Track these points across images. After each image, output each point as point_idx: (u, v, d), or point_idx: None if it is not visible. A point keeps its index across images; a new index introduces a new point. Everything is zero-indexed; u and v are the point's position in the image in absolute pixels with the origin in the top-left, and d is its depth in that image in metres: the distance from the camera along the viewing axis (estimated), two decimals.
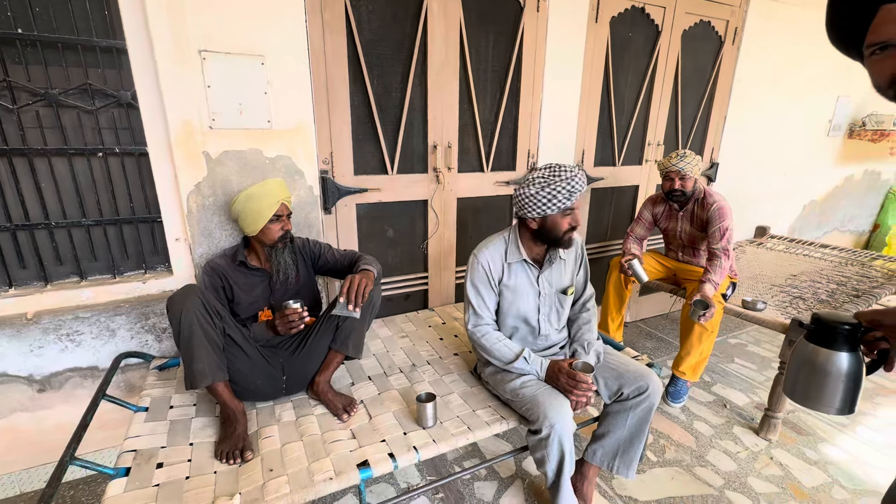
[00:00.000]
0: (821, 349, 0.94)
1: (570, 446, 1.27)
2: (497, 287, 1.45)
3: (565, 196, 1.30)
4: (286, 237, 1.47)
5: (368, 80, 1.75)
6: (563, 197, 1.30)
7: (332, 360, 1.48)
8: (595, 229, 2.66)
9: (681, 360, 2.07)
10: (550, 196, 1.30)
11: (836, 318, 0.93)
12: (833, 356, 0.93)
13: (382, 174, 1.90)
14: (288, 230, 1.48)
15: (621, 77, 2.40)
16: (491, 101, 2.06)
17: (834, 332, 0.93)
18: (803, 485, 1.67)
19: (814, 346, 0.95)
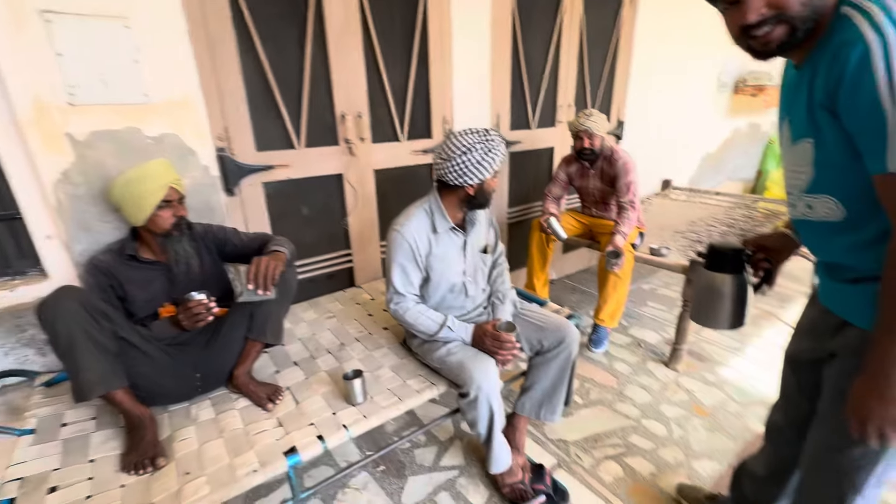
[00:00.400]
0: (714, 274, 1.05)
1: (499, 403, 1.32)
2: (424, 262, 1.42)
3: (501, 159, 1.33)
4: (181, 224, 1.33)
5: (260, 44, 1.60)
6: (499, 160, 1.33)
7: (251, 350, 1.40)
8: (516, 193, 2.72)
9: (600, 308, 2.22)
10: (491, 161, 1.31)
11: (725, 246, 1.04)
12: (723, 279, 1.04)
13: (289, 149, 1.78)
14: (182, 216, 1.33)
15: (529, 38, 2.42)
16: (400, 66, 1.99)
17: (723, 257, 1.03)
18: (704, 404, 1.89)
19: (708, 271, 1.06)
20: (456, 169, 1.30)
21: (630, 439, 1.71)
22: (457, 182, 1.33)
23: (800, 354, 1.02)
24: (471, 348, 1.38)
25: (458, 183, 1.33)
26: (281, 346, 1.62)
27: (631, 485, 1.51)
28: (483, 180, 1.33)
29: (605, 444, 1.69)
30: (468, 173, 1.30)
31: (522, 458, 1.54)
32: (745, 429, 1.74)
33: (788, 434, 1.09)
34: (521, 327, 1.51)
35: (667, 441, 1.70)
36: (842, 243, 0.79)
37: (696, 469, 1.57)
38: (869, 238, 0.75)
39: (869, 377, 0.73)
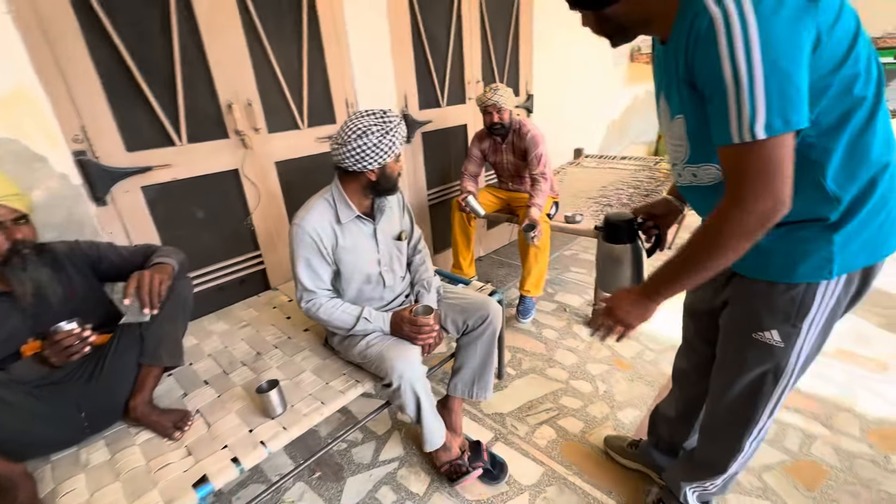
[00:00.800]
0: (612, 245, 1.09)
1: (423, 386, 1.30)
2: (331, 255, 1.34)
3: (401, 141, 1.27)
4: (19, 249, 1.10)
5: (111, 26, 1.38)
6: (399, 142, 1.26)
7: (147, 376, 1.25)
8: (433, 173, 2.68)
9: (524, 280, 2.28)
10: (390, 143, 1.24)
11: (617, 218, 1.08)
12: (620, 248, 1.08)
13: (168, 146, 1.58)
14: (20, 240, 1.10)
15: (429, 15, 2.34)
16: (290, 47, 1.83)
17: (618, 228, 1.07)
18: (625, 357, 2.01)
19: (606, 243, 1.09)
20: (353, 154, 1.22)
21: (561, 401, 1.78)
22: (356, 168, 1.25)
23: (696, 305, 1.09)
24: (390, 338, 1.34)
25: (357, 169, 1.25)
26: (188, 366, 1.47)
27: (563, 445, 1.58)
28: (384, 164, 1.26)
29: (539, 410, 1.74)
30: (366, 158, 1.23)
31: (460, 439, 1.54)
32: (660, 374, 1.89)
33: (693, 377, 1.18)
34: (444, 310, 1.50)
35: (594, 397, 1.79)
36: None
37: (621, 419, 1.68)
38: None
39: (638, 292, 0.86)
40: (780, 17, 0.58)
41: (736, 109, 0.62)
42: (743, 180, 0.65)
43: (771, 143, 0.62)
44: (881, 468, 1.41)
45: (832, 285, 0.78)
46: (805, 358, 0.87)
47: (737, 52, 0.59)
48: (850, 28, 0.65)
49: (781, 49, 0.59)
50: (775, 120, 0.60)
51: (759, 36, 0.58)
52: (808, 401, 1.68)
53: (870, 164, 0.71)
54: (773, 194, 0.64)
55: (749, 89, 0.60)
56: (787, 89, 0.60)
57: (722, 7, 0.60)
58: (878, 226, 0.75)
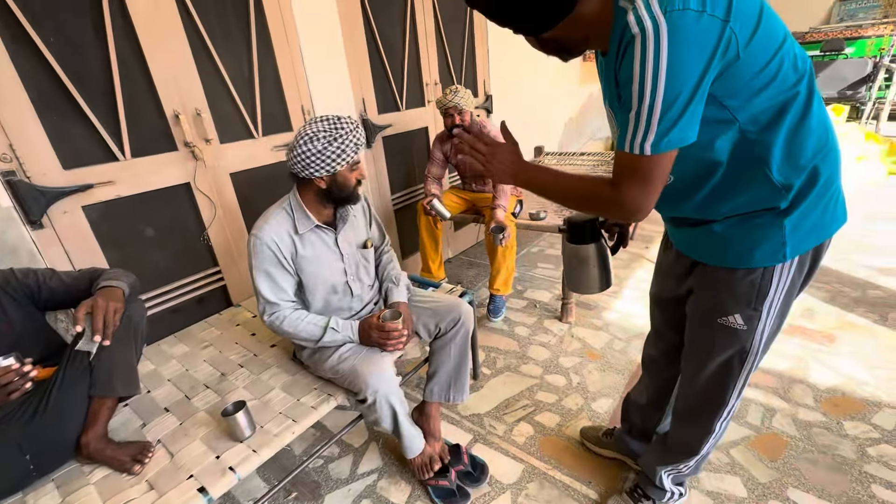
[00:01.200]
0: (577, 246, 1.10)
1: (398, 398, 1.27)
2: (292, 265, 1.30)
3: (353, 149, 1.22)
4: None
5: (37, 35, 1.28)
6: (350, 150, 1.21)
7: (99, 408, 1.16)
8: (397, 178, 2.65)
9: (493, 279, 2.29)
10: (339, 150, 1.19)
11: (580, 219, 1.09)
12: (584, 248, 1.10)
13: (111, 161, 1.48)
14: None
15: (382, 18, 2.32)
16: (238, 53, 1.76)
17: (581, 229, 1.09)
18: (595, 348, 2.06)
19: (571, 245, 1.11)
20: (300, 160, 1.20)
21: (536, 397, 1.80)
22: (304, 174, 1.23)
23: (662, 294, 1.13)
24: (362, 350, 1.30)
25: (305, 175, 1.23)
26: (146, 393, 1.39)
27: (541, 440, 1.59)
28: (333, 172, 1.23)
29: (516, 408, 1.75)
30: (313, 164, 1.20)
31: (440, 444, 1.52)
32: (629, 362, 1.94)
33: (662, 363, 1.22)
34: (415, 314, 1.48)
35: (568, 390, 1.82)
36: (680, 202, 0.87)
37: (595, 409, 1.71)
38: (702, 195, 0.83)
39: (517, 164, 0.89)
40: (691, 43, 0.62)
41: (634, 124, 0.69)
42: (624, 180, 0.74)
43: (654, 158, 0.70)
44: (835, 434, 1.50)
45: (787, 268, 0.83)
46: (767, 338, 0.91)
47: (646, 73, 0.64)
48: (773, 34, 0.68)
49: (685, 74, 0.63)
50: (661, 141, 0.68)
51: (667, 60, 0.62)
52: (767, 376, 1.77)
53: (811, 154, 0.75)
54: (639, 202, 0.74)
55: (648, 110, 0.66)
56: (681, 114, 0.66)
57: (642, 27, 0.63)
58: (822, 208, 0.80)
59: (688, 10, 0.61)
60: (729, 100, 0.70)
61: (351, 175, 1.27)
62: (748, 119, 0.72)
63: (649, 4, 0.63)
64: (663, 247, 1.11)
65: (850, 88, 5.57)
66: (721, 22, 0.62)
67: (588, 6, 0.71)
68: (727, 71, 0.66)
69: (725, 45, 0.64)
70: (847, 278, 2.42)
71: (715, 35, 0.63)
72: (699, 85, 0.65)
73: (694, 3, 0.61)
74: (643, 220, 0.80)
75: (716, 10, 0.62)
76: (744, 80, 0.68)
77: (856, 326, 2.03)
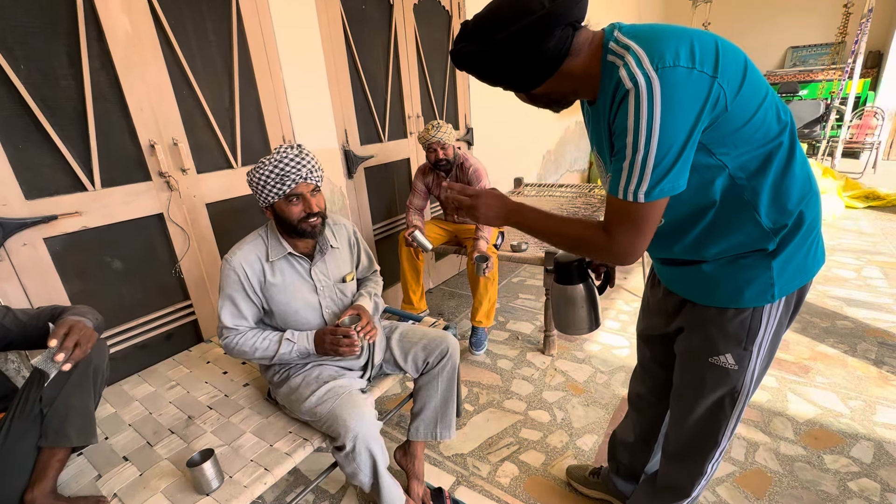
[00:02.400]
0: (564, 287, 1.10)
1: (380, 446, 1.21)
2: (259, 292, 1.27)
3: (276, 181, 1.17)
4: None
5: (7, 63, 1.23)
6: (273, 182, 1.17)
7: (48, 461, 1.06)
8: (378, 208, 2.64)
9: (475, 311, 2.26)
10: (263, 182, 1.18)
11: (567, 259, 1.09)
12: (572, 289, 1.09)
13: (79, 191, 1.42)
14: None
15: (366, 52, 2.36)
16: (219, 84, 1.74)
17: (568, 269, 1.08)
18: (578, 382, 2.04)
19: (559, 285, 1.10)
20: (250, 187, 1.21)
21: (521, 434, 1.75)
22: (257, 201, 1.24)
23: (649, 331, 1.12)
24: (342, 392, 1.24)
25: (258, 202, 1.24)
26: (103, 440, 1.28)
27: (527, 481, 1.54)
28: (268, 204, 1.22)
29: (500, 447, 1.70)
30: (257, 193, 1.20)
31: (422, 487, 1.46)
32: (613, 396, 1.92)
33: (650, 399, 1.20)
34: (405, 349, 1.44)
35: (552, 426, 1.78)
36: (670, 244, 0.89)
37: (580, 446, 1.67)
38: (692, 238, 0.84)
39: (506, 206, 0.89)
40: (683, 98, 0.65)
41: (627, 173, 0.71)
42: (617, 226, 0.76)
43: (646, 206, 0.72)
44: (817, 468, 1.50)
45: (775, 307, 0.84)
46: (757, 377, 0.91)
47: (640, 126, 0.66)
48: (757, 88, 0.72)
49: (678, 127, 0.66)
50: (654, 189, 0.70)
51: (660, 114, 0.65)
52: (748, 409, 1.78)
53: (796, 199, 0.78)
54: (631, 247, 0.76)
55: (642, 161, 0.68)
56: (673, 164, 0.68)
57: (635, 82, 0.65)
58: (806, 250, 0.83)
59: (678, 67, 0.64)
60: (718, 148, 0.72)
61: (289, 207, 1.21)
62: (737, 166, 0.74)
63: (640, 61, 0.65)
64: (650, 283, 1.11)
65: (806, 127, 5.95)
66: (710, 77, 0.65)
67: (575, 62, 0.74)
68: (717, 122, 0.69)
69: (715, 99, 0.66)
70: (816, 309, 2.50)
71: (705, 90, 0.65)
72: (690, 136, 0.67)
73: (684, 60, 0.64)
74: (632, 263, 0.81)
75: (705, 67, 0.65)
76: (732, 130, 0.70)
77: (828, 357, 2.08)
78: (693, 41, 0.67)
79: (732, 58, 0.68)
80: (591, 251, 0.83)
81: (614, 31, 0.73)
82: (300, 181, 1.20)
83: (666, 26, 0.71)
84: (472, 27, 0.74)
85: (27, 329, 1.14)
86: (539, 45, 0.71)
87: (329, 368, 1.35)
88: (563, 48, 0.72)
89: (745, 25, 7.08)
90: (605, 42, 0.73)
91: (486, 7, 0.74)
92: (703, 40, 0.67)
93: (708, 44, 0.67)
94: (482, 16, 0.74)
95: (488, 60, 0.74)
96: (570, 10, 0.70)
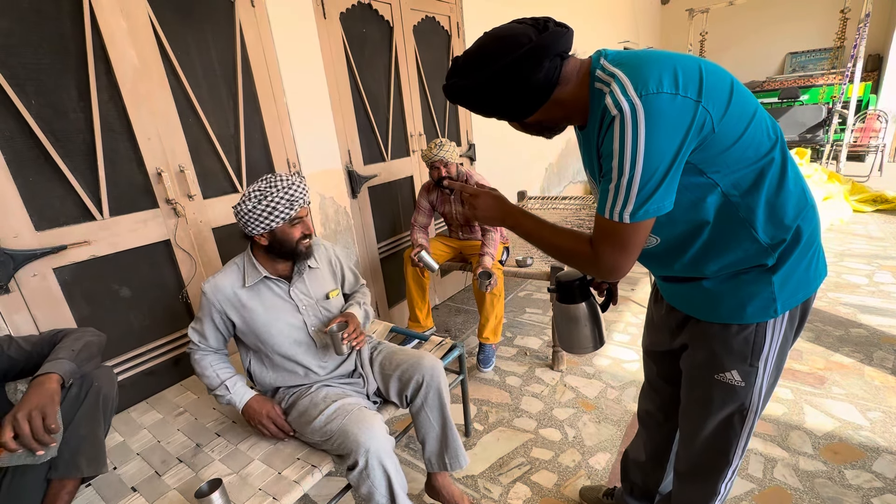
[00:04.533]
0: (567, 306, 1.09)
1: (393, 463, 1.19)
2: (226, 318, 1.32)
3: (286, 206, 1.23)
4: None
5: (18, 99, 1.27)
6: (283, 207, 1.23)
7: (59, 493, 1.06)
8: (382, 227, 2.65)
9: (482, 328, 2.25)
10: (271, 208, 1.21)
11: (569, 278, 1.08)
12: (575, 308, 1.08)
13: (88, 221, 1.44)
14: None
15: (367, 73, 2.40)
16: (224, 111, 1.78)
17: (570, 288, 1.07)
18: (589, 398, 2.01)
19: (561, 304, 1.09)
20: (239, 218, 1.24)
21: (532, 454, 1.72)
22: (245, 231, 1.25)
23: (655, 347, 1.11)
24: (352, 409, 1.23)
25: (247, 233, 1.26)
26: (112, 471, 1.27)
27: (539, 502, 1.51)
28: (270, 228, 1.24)
29: (511, 467, 1.67)
30: (250, 222, 1.23)
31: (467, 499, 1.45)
32: (625, 412, 1.89)
33: (659, 417, 1.18)
34: (383, 381, 1.42)
35: (564, 445, 1.75)
36: (669, 262, 0.88)
37: (593, 466, 1.64)
38: (690, 255, 0.84)
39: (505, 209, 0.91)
40: (666, 123, 0.66)
41: (613, 194, 0.72)
42: (603, 244, 0.77)
43: (631, 226, 0.73)
44: (838, 484, 1.46)
45: (779, 322, 0.83)
46: (765, 393, 0.90)
47: (625, 151, 0.68)
48: (745, 107, 0.72)
49: (662, 151, 0.67)
50: (639, 211, 0.71)
51: (644, 139, 0.66)
52: (763, 423, 1.74)
53: (793, 214, 0.78)
54: (615, 264, 0.77)
55: (627, 184, 0.70)
56: (657, 187, 0.69)
57: (620, 109, 0.67)
58: (807, 264, 0.82)
59: (662, 94, 0.66)
60: (709, 167, 0.73)
61: (292, 230, 1.27)
62: (730, 184, 0.75)
63: (625, 88, 0.67)
64: (653, 299, 1.10)
65: (808, 132, 5.94)
66: (694, 102, 0.67)
67: (565, 90, 0.76)
68: (705, 143, 0.70)
69: (700, 123, 0.67)
70: (829, 317, 2.46)
71: (689, 114, 0.67)
72: (675, 160, 0.68)
73: (667, 87, 0.66)
74: (620, 280, 0.82)
75: (688, 92, 0.66)
76: (721, 150, 0.71)
77: (843, 366, 2.04)
78: (676, 68, 0.68)
79: (717, 80, 0.70)
80: (579, 264, 0.85)
81: (600, 59, 0.75)
82: (305, 205, 1.27)
83: (650, 53, 0.73)
84: (462, 63, 0.77)
85: (33, 357, 1.14)
86: (529, 77, 0.73)
87: (335, 388, 1.35)
88: (553, 78, 0.74)
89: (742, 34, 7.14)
90: (592, 70, 0.75)
91: (476, 43, 0.77)
92: (686, 66, 0.69)
93: (691, 69, 0.69)
94: (472, 52, 0.76)
95: (480, 93, 0.77)
96: (555, 42, 0.72)
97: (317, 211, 2.18)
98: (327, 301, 1.41)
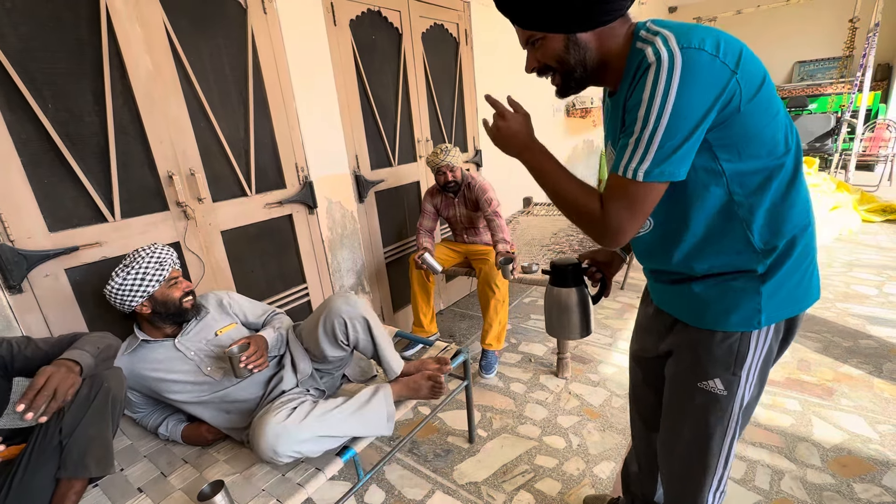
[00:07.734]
0: (559, 289, 1.09)
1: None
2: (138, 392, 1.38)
3: (156, 268, 1.30)
4: None
5: (36, 103, 1.29)
6: (154, 270, 1.29)
7: (66, 493, 1.07)
8: (388, 231, 2.67)
9: (485, 333, 2.25)
10: (142, 275, 1.27)
11: (563, 262, 1.09)
12: (566, 291, 1.08)
13: (100, 223, 1.46)
14: None
15: (376, 79, 2.42)
16: (235, 115, 1.80)
17: (564, 272, 1.08)
18: (594, 406, 2.00)
19: (553, 287, 1.09)
20: (112, 297, 1.28)
21: (536, 461, 1.71)
22: (124, 309, 1.30)
23: (642, 352, 1.10)
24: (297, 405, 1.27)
25: (126, 309, 1.30)
26: (119, 472, 1.28)
27: None
28: (146, 295, 1.29)
29: (515, 474, 1.66)
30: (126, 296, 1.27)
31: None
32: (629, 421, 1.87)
33: (642, 426, 1.18)
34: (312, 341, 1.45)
35: (568, 453, 1.74)
36: (659, 254, 0.88)
37: (598, 474, 1.63)
38: (683, 250, 0.84)
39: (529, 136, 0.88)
40: (700, 81, 0.66)
41: (632, 149, 0.71)
42: (612, 202, 0.76)
43: (643, 186, 0.72)
44: (847, 498, 1.44)
45: (763, 334, 0.83)
46: (746, 405, 0.89)
47: (654, 100, 0.67)
48: (772, 102, 0.72)
49: (690, 108, 0.67)
50: (655, 169, 0.70)
51: (676, 91, 0.66)
52: (770, 434, 1.73)
53: (791, 225, 0.78)
54: (621, 225, 0.76)
55: (649, 137, 0.69)
56: (677, 147, 0.69)
57: (658, 57, 0.67)
58: (798, 280, 0.81)
59: (703, 51, 0.66)
60: (723, 152, 0.73)
61: (170, 291, 1.33)
62: (736, 178, 0.74)
63: (667, 40, 0.67)
64: (643, 302, 1.10)
65: (817, 141, 5.91)
66: (730, 71, 0.67)
67: (610, 36, 0.76)
68: (728, 120, 0.70)
69: (731, 94, 0.68)
70: (837, 328, 2.43)
71: (723, 80, 0.67)
72: (699, 124, 0.68)
73: (709, 47, 0.66)
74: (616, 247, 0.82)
75: (727, 59, 0.67)
76: (740, 134, 0.71)
77: (852, 378, 2.02)
78: (720, 36, 0.68)
79: (754, 65, 0.70)
80: (582, 218, 0.81)
81: (647, 23, 0.75)
82: (175, 266, 1.36)
83: (697, 24, 0.73)
84: None
85: (50, 358, 1.16)
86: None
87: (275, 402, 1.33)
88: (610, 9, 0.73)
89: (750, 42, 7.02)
90: (637, 31, 0.75)
91: None
92: (729, 39, 0.69)
93: (734, 43, 0.69)
94: None
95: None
96: None
97: (324, 215, 2.19)
98: (217, 338, 1.43)
